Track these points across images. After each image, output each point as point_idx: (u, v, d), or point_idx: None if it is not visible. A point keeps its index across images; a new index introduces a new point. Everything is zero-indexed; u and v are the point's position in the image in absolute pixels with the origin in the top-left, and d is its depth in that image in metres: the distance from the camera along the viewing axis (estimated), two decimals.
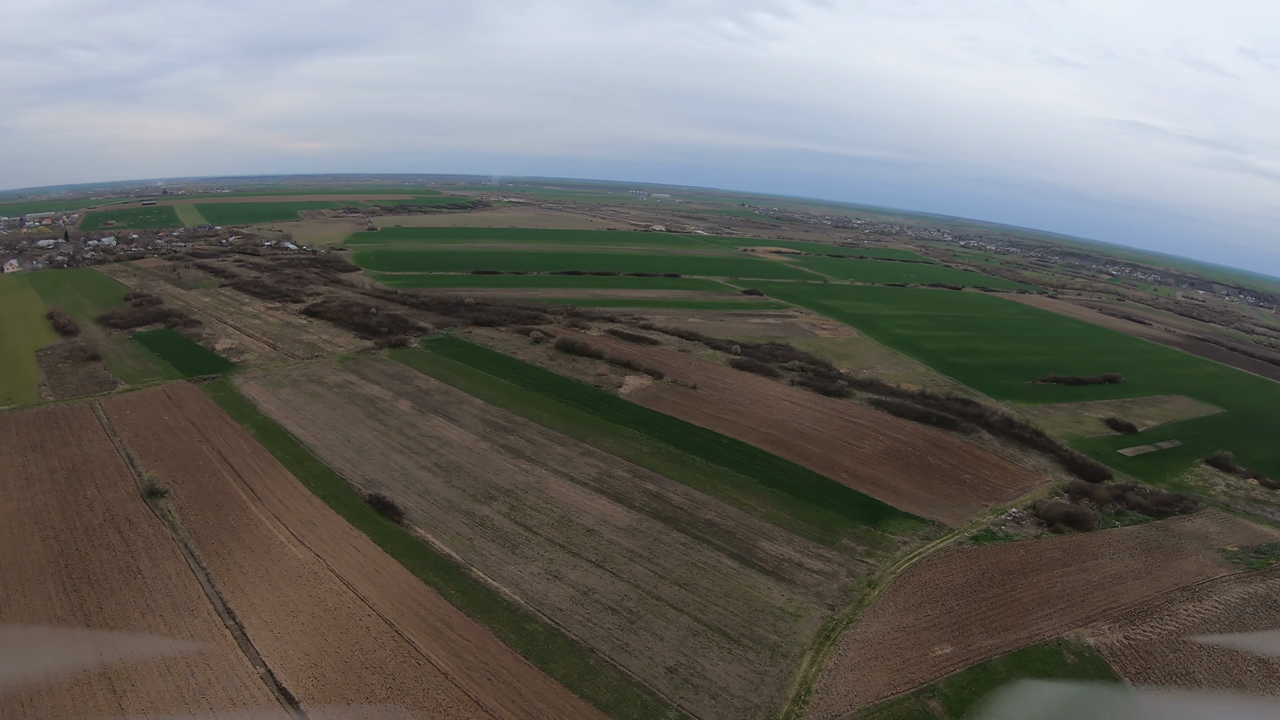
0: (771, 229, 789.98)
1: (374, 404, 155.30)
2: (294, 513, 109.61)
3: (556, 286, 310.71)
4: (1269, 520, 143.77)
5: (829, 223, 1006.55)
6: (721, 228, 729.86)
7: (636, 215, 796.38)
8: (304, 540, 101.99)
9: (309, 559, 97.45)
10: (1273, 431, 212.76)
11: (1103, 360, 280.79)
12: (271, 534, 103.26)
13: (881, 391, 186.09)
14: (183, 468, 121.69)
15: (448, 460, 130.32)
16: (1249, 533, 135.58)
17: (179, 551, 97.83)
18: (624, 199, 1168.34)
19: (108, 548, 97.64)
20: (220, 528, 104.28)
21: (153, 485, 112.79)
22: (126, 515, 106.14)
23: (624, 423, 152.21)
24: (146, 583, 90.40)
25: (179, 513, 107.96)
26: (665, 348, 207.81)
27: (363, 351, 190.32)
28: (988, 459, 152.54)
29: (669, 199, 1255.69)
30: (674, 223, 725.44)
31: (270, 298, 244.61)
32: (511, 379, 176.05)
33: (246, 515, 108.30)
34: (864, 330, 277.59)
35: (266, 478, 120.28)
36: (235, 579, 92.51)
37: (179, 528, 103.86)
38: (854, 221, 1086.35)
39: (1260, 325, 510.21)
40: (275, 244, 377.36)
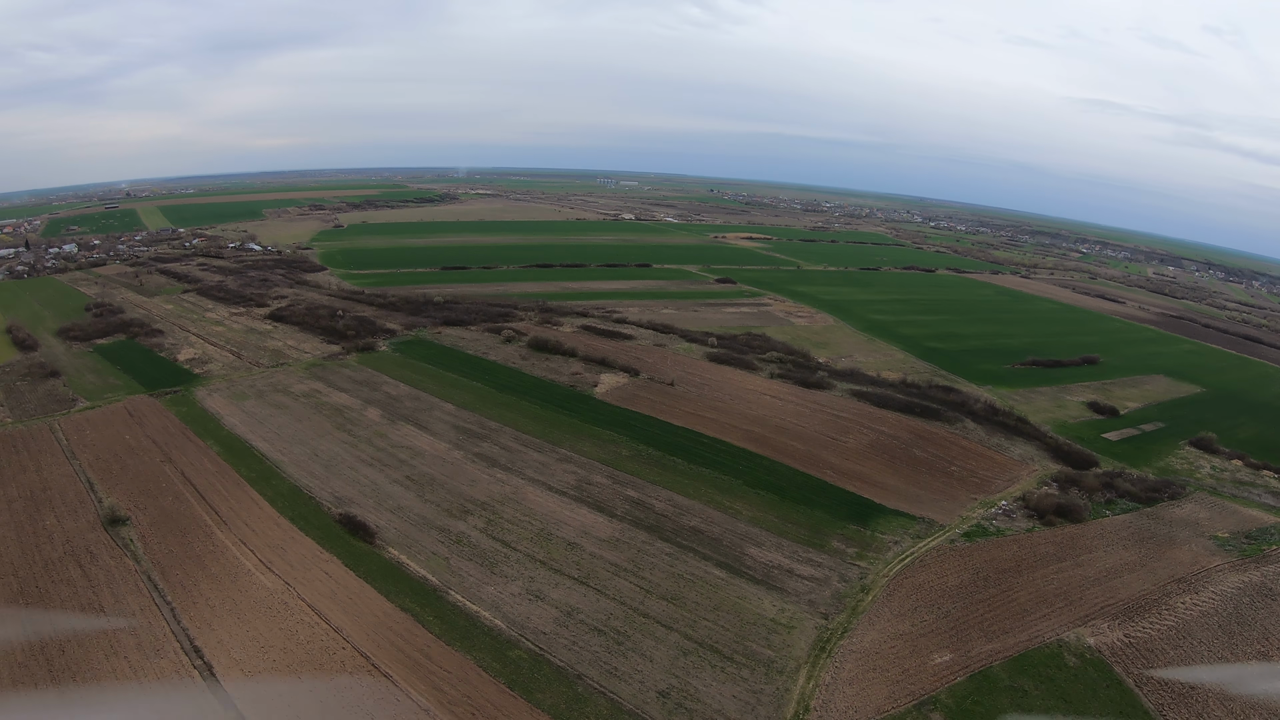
0: (741, 214, 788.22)
1: (342, 413, 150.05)
2: (261, 536, 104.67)
3: (527, 280, 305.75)
4: (1257, 503, 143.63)
5: (799, 206, 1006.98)
6: (691, 214, 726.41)
7: (605, 204, 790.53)
8: (272, 567, 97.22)
9: (278, 588, 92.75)
10: (1253, 410, 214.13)
11: (1080, 341, 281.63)
12: (238, 561, 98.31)
13: (862, 381, 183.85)
14: (145, 491, 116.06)
15: (420, 472, 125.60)
16: (1238, 517, 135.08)
17: (142, 585, 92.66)
18: (592, 187, 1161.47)
19: (69, 583, 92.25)
20: (185, 556, 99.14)
21: (114, 512, 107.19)
22: (87, 546, 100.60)
23: (601, 425, 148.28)
24: (110, 621, 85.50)
25: (141, 541, 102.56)
26: (640, 342, 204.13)
27: (330, 357, 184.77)
28: (974, 449, 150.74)
29: (637, 186, 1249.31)
30: (643, 211, 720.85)
31: (234, 302, 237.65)
32: (483, 381, 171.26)
33: (212, 541, 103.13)
34: (840, 317, 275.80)
35: (232, 499, 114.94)
36: (202, 613, 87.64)
37: (142, 558, 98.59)
38: (823, 204, 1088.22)
39: (1231, 301, 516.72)
40: (240, 245, 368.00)
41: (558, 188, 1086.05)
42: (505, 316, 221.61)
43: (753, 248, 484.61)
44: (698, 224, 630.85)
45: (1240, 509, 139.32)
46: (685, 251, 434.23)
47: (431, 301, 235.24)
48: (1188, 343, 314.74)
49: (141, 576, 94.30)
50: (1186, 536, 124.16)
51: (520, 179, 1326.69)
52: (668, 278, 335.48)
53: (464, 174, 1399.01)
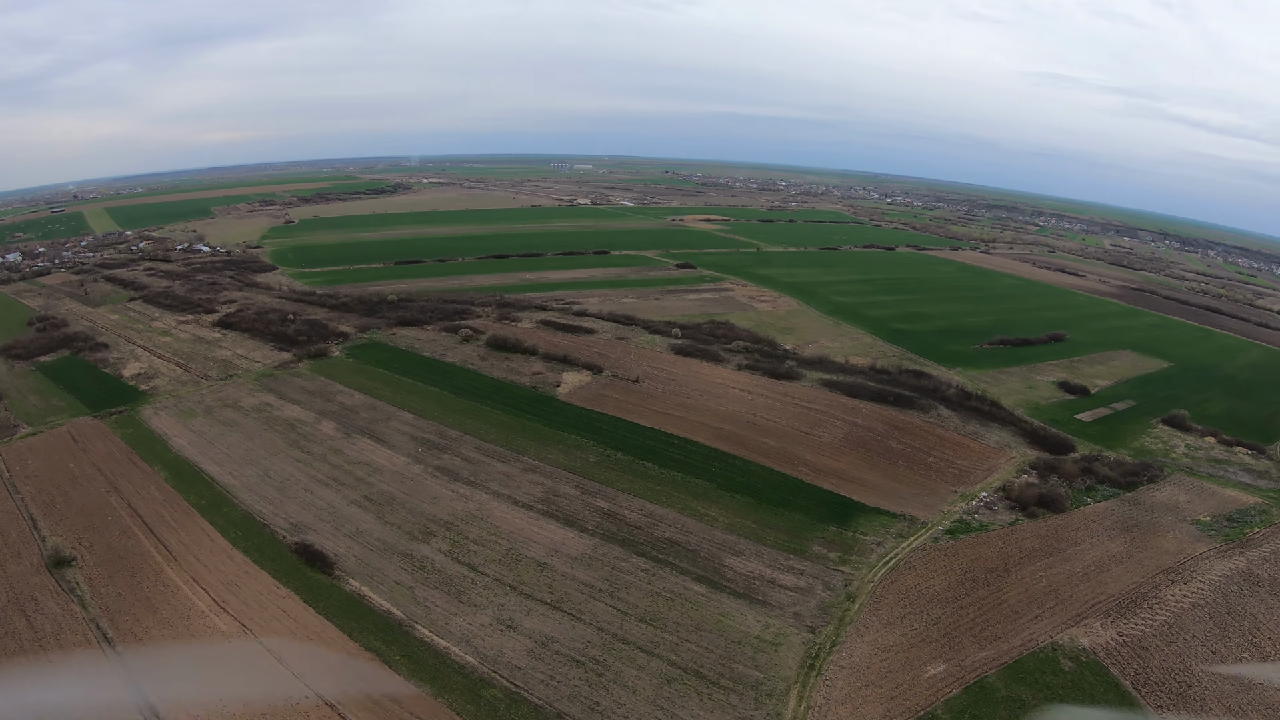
0: (698, 196, 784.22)
1: (295, 428, 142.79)
2: (214, 573, 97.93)
3: (483, 273, 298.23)
4: (1234, 482, 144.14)
5: (754, 186, 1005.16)
6: (647, 197, 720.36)
7: (560, 189, 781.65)
8: (226, 606, 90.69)
9: (234, 630, 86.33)
10: (1220, 383, 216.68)
11: (1045, 317, 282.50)
12: (191, 602, 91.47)
13: (832, 370, 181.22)
14: (91, 527, 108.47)
15: (379, 491, 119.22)
16: (1217, 498, 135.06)
17: (91, 634, 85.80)
18: (547, 172, 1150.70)
19: (14, 636, 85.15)
20: (134, 599, 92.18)
21: (58, 552, 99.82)
22: (31, 593, 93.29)
23: (566, 428, 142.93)
24: (57, 679, 79.03)
25: (88, 584, 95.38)
26: (602, 336, 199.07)
27: (281, 366, 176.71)
28: (950, 438, 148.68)
29: (592, 170, 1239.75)
30: (599, 195, 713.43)
31: (182, 309, 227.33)
32: (442, 386, 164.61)
33: (162, 581, 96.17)
34: (804, 300, 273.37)
35: (182, 531, 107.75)
36: (155, 662, 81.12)
37: (89, 603, 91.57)
38: (779, 183, 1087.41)
39: (1189, 271, 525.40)
40: (188, 247, 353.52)
41: (512, 174, 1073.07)
42: (462, 314, 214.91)
43: (711, 230, 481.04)
44: (654, 207, 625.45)
45: (1218, 489, 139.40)
46: (643, 236, 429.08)
47: (385, 300, 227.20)
48: (1151, 316, 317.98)
49: (90, 625, 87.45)
50: (1170, 522, 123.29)
51: (474, 166, 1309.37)
52: (627, 264, 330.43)
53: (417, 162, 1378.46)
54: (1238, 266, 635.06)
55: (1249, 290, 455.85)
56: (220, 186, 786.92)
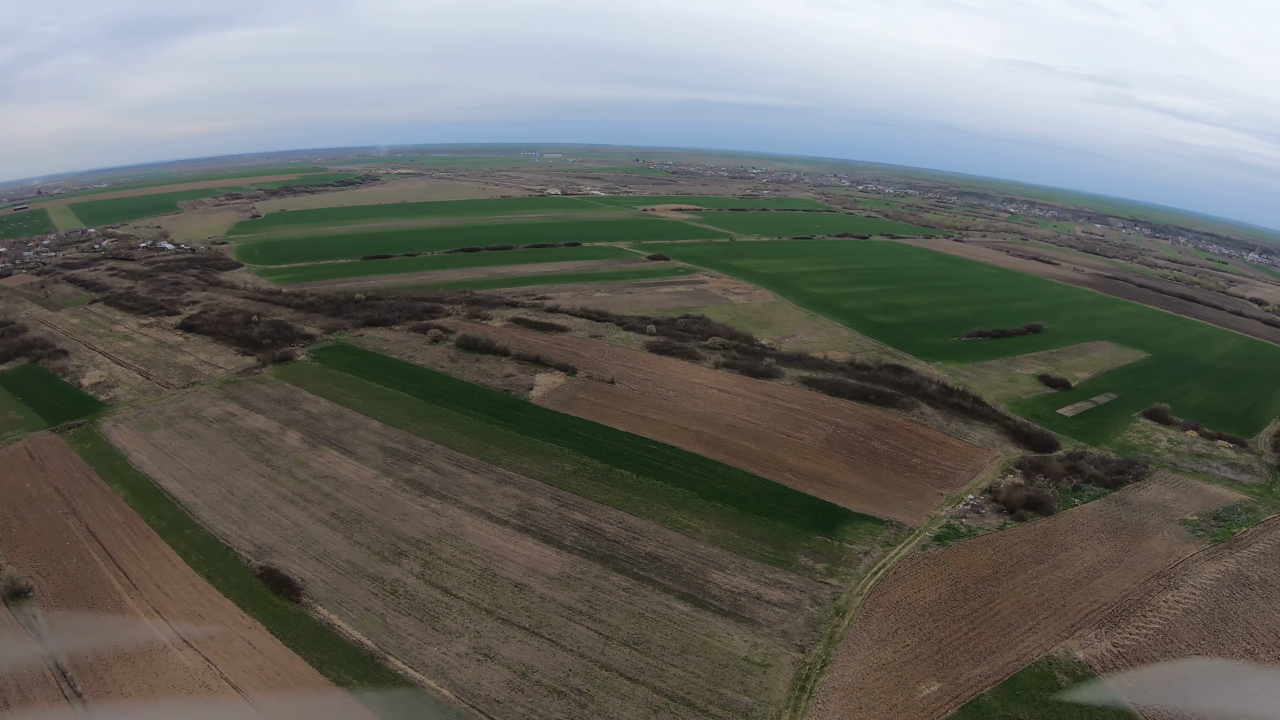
0: (669, 185, 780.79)
1: (259, 440, 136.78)
2: (176, 603, 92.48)
3: (452, 267, 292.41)
4: (1218, 478, 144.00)
5: (725, 174, 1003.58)
6: (618, 186, 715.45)
7: (530, 179, 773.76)
8: (190, 640, 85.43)
9: (199, 666, 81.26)
10: (1198, 374, 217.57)
11: (1022, 308, 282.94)
12: (153, 636, 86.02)
13: (811, 366, 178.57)
14: (48, 554, 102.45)
15: (346, 507, 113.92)
16: (1203, 496, 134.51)
17: (49, 674, 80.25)
18: (516, 162, 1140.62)
19: None
20: (94, 634, 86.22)
21: (14, 583, 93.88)
22: None
23: (541, 435, 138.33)
24: None
25: (46, 618, 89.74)
26: (575, 334, 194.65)
27: (245, 371, 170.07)
28: (933, 437, 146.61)
29: (562, 159, 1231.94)
30: (569, 185, 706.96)
31: (144, 311, 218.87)
32: (411, 390, 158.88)
33: (123, 612, 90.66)
34: (779, 292, 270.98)
35: (142, 556, 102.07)
36: (117, 706, 76.18)
37: (46, 638, 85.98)
38: (750, 171, 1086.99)
39: (1161, 258, 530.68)
40: (151, 244, 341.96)
41: (482, 164, 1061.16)
42: (431, 312, 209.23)
43: (683, 220, 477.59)
44: (625, 196, 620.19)
45: (1204, 486, 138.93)
46: (615, 227, 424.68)
47: (352, 299, 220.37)
48: (1126, 304, 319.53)
49: (48, 663, 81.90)
50: (1158, 523, 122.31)
51: (443, 156, 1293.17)
52: (599, 257, 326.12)
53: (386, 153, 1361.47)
54: (1208, 253, 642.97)
55: (1221, 277, 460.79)
56: (186, 180, 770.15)
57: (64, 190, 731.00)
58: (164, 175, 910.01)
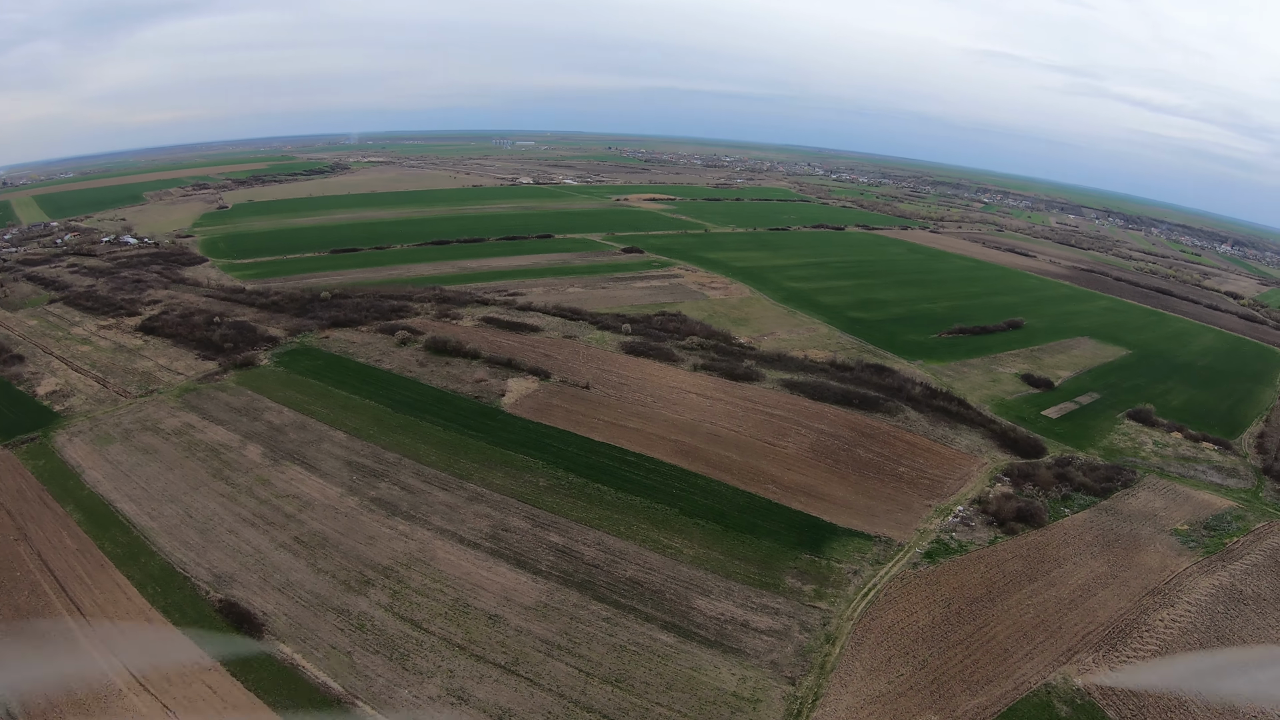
0: (642, 173, 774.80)
1: (219, 454, 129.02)
2: (132, 640, 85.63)
3: (422, 261, 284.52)
4: (1205, 483, 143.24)
5: (699, 162, 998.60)
6: (591, 175, 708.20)
7: (502, 167, 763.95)
8: (147, 683, 79.16)
9: (155, 713, 75.44)
10: (1178, 372, 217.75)
11: (1001, 302, 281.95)
12: (107, 679, 79.54)
13: (792, 368, 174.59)
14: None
15: (310, 531, 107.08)
16: (1192, 503, 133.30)
17: None
18: (488, 150, 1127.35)
19: None
20: (46, 676, 79.97)
21: None
22: None
23: (514, 446, 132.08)
24: None
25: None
26: (548, 334, 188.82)
27: (205, 378, 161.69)
28: (919, 444, 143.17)
29: (534, 146, 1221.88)
30: (542, 173, 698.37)
31: (104, 312, 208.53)
32: (378, 398, 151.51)
33: (75, 651, 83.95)
34: (756, 286, 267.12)
35: (96, 588, 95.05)
36: None
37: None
38: (724, 159, 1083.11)
39: (1135, 250, 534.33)
40: (114, 239, 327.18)
41: (453, 151, 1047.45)
42: (399, 311, 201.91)
43: (657, 210, 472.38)
44: (598, 186, 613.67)
45: (1192, 492, 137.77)
46: (588, 218, 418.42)
47: (318, 298, 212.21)
48: (1104, 299, 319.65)
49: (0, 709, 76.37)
50: (1149, 534, 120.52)
51: (414, 143, 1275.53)
52: (572, 249, 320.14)
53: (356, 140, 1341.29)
54: (1181, 245, 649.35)
55: (1195, 270, 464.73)
56: (154, 169, 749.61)
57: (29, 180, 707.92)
58: (132, 165, 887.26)
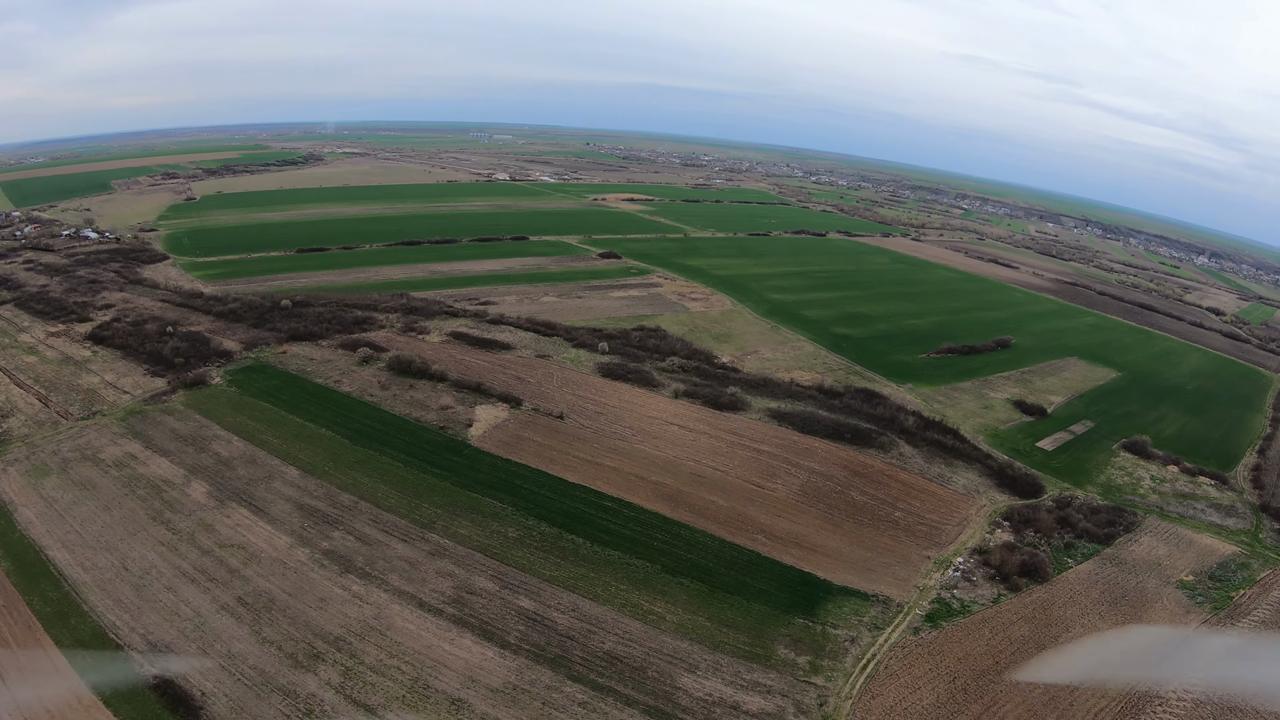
0: (620, 171, 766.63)
1: (161, 493, 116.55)
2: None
3: (391, 264, 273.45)
4: (1205, 524, 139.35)
5: (677, 160, 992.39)
6: (568, 172, 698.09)
7: (478, 162, 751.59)
8: None
9: None
10: (1170, 396, 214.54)
11: (987, 318, 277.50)
12: None
13: (779, 394, 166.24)
14: None
15: (256, 590, 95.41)
16: (1195, 550, 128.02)
17: None
18: (465, 142, 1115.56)
19: None
20: None
21: None
22: None
23: (481, 488, 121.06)
24: None
25: None
26: (520, 353, 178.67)
27: (153, 398, 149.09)
28: (915, 484, 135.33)
29: (512, 140, 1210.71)
30: (518, 169, 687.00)
31: (54, 316, 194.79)
32: (335, 426, 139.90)
33: None
34: (738, 297, 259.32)
35: (21, 656, 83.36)
36: None
37: None
38: (702, 158, 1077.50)
39: (1116, 262, 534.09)
40: (74, 233, 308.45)
41: (429, 144, 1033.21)
42: (363, 323, 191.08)
43: (635, 211, 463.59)
44: (575, 184, 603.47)
45: (1194, 536, 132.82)
46: (564, 219, 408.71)
47: (278, 306, 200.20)
48: (1089, 314, 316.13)
49: None
50: (1156, 587, 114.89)
51: (391, 134, 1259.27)
52: (547, 253, 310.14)
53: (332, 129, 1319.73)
54: (1160, 256, 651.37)
55: (1176, 283, 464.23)
56: (126, 156, 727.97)
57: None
58: (105, 150, 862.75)
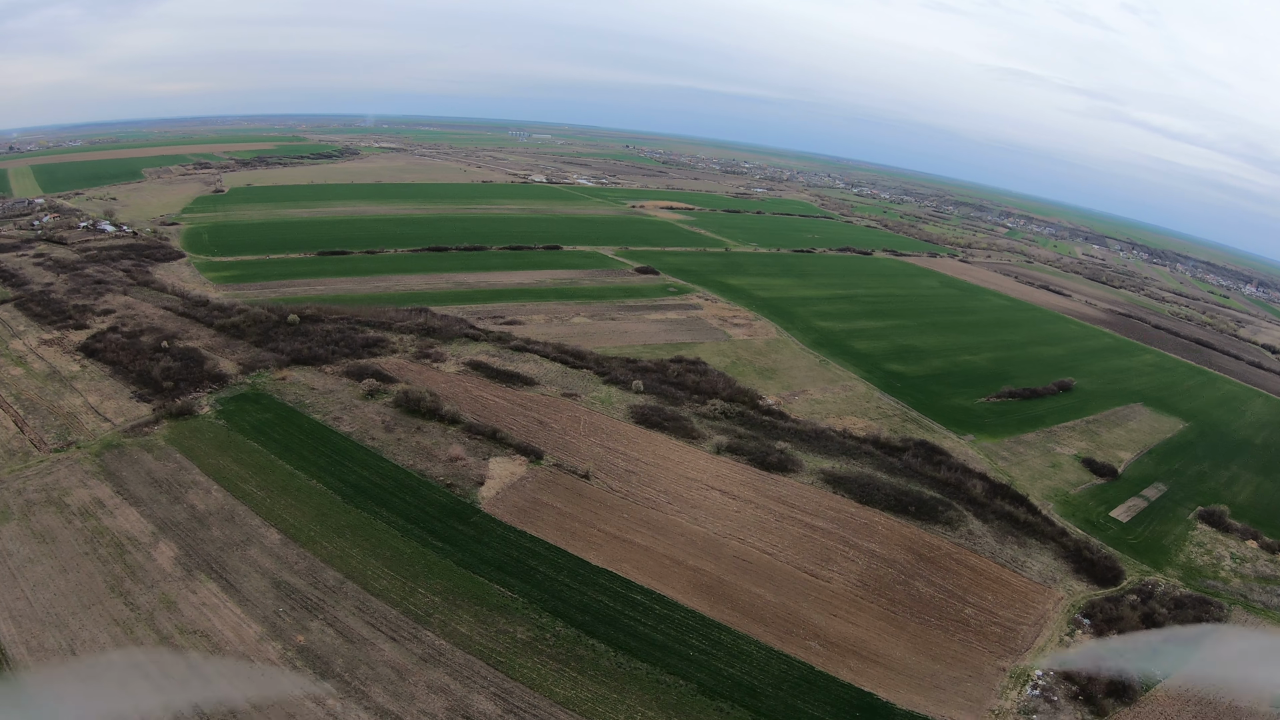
0: (659, 176, 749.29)
1: (125, 555, 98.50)
2: None
3: (415, 272, 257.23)
4: None
5: (717, 166, 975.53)
6: (606, 175, 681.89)
7: (515, 162, 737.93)
8: None
9: None
10: (1239, 453, 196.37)
11: (1045, 355, 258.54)
12: None
13: (832, 450, 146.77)
14: None
15: (215, 698, 75.68)
16: None
17: None
18: (503, 140, 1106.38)
19: None
20: None
21: None
22: None
23: (488, 570, 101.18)
24: None
25: None
26: (544, 389, 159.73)
27: (134, 429, 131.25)
28: (986, 570, 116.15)
29: (550, 140, 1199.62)
30: (555, 171, 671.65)
31: (52, 321, 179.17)
32: (328, 477, 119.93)
33: None
34: (782, 324, 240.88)
35: None
36: None
37: None
38: (742, 165, 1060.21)
39: (1165, 290, 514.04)
40: (92, 225, 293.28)
41: (467, 140, 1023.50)
42: (375, 346, 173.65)
43: (674, 221, 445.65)
44: (614, 188, 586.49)
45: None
46: (600, 227, 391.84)
47: (285, 321, 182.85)
48: (1148, 352, 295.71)
49: None
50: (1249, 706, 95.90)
51: (430, 130, 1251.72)
52: (581, 265, 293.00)
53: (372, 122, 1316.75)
54: (1209, 285, 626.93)
55: (1229, 316, 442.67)
56: (163, 143, 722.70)
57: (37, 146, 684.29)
58: (143, 135, 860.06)
